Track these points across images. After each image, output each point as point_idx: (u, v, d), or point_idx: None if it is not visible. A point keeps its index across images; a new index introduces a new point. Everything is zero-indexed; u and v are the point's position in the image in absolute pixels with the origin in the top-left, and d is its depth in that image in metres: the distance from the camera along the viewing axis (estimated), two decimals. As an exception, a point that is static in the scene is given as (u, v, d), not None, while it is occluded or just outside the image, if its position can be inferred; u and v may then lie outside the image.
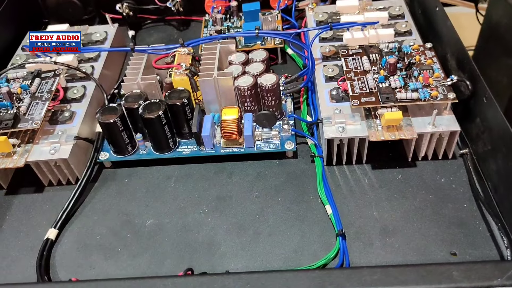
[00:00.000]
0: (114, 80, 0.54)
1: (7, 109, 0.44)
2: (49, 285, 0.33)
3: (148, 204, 0.42)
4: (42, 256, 0.38)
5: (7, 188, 0.45)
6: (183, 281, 0.28)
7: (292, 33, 0.48)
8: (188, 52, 0.46)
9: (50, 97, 0.45)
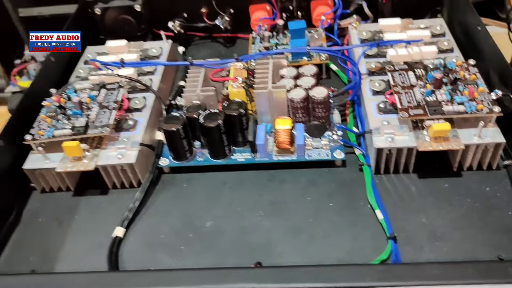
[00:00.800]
0: (168, 92, 0.58)
1: (77, 117, 0.48)
2: (128, 273, 0.36)
3: (206, 207, 0.45)
4: (111, 252, 0.41)
5: (74, 190, 0.49)
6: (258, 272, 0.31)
7: (340, 49, 0.51)
8: (243, 67, 0.50)
9: (117, 106, 0.49)
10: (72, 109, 0.49)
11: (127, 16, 0.65)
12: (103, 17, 0.66)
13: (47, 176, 0.48)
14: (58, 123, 0.48)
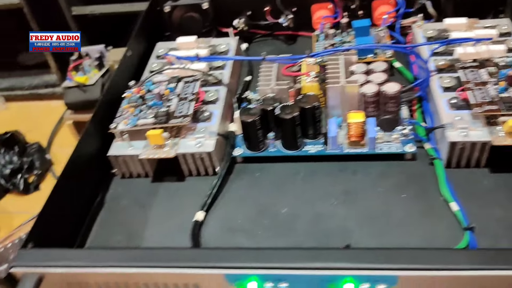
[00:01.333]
0: (235, 86, 0.60)
1: (158, 107, 0.51)
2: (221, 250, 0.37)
3: (280, 195, 0.47)
4: (194, 234, 0.44)
5: (152, 176, 0.52)
6: (350, 252, 0.33)
7: (412, 47, 0.52)
8: (314, 62, 0.52)
9: (195, 98, 0.51)
10: (153, 100, 0.52)
11: (194, 13, 0.68)
12: (171, 14, 0.69)
13: (129, 162, 0.51)
14: (141, 113, 0.51)
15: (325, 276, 0.32)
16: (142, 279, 0.35)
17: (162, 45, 0.65)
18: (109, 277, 0.36)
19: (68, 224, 0.46)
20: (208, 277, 0.34)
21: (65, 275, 0.36)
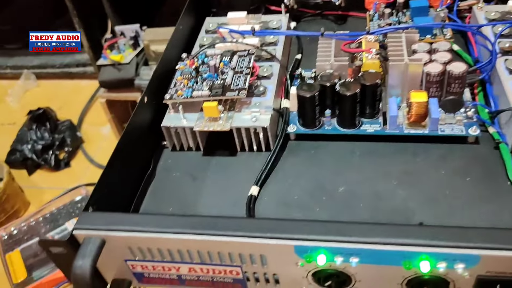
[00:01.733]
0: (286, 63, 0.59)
1: (212, 80, 0.50)
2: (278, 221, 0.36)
3: (337, 173, 0.46)
4: (249, 209, 0.43)
5: (203, 149, 0.51)
6: (428, 229, 0.31)
7: (476, 26, 0.50)
8: (375, 39, 0.50)
9: (250, 71, 0.50)
10: (207, 72, 0.51)
11: (243, -11, 0.67)
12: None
13: (181, 134, 0.50)
14: (195, 85, 0.50)
15: (400, 252, 0.31)
16: (206, 246, 0.35)
17: (211, 20, 0.64)
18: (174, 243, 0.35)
19: (123, 192, 0.45)
20: (277, 248, 0.33)
21: (127, 239, 0.36)
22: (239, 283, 0.37)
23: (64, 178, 1.29)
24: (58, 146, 1.34)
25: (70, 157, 1.35)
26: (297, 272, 0.35)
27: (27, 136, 1.35)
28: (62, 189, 1.24)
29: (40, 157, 1.31)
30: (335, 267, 0.33)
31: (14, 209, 1.18)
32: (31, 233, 1.09)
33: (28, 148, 1.31)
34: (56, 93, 1.62)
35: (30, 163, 1.31)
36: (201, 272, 0.37)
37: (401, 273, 0.33)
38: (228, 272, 0.37)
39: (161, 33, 1.21)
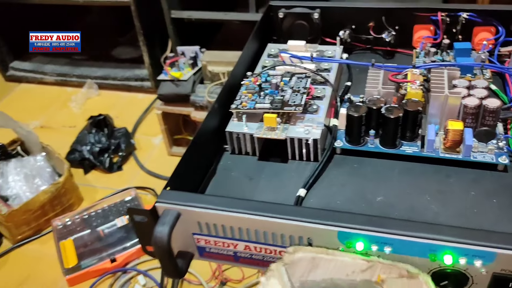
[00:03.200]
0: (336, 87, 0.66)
1: (273, 96, 0.58)
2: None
3: (377, 185, 0.52)
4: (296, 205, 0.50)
5: (259, 155, 0.58)
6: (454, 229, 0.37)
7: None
8: (420, 73, 0.57)
9: (306, 91, 0.58)
10: (269, 89, 0.59)
11: (303, 21, 0.75)
12: (283, 20, 0.76)
13: (241, 139, 0.58)
14: (258, 98, 0.58)
15: (428, 244, 0.37)
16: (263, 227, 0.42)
17: (273, 46, 0.73)
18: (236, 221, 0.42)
19: (191, 180, 0.53)
20: (323, 232, 0.40)
21: (199, 214, 0.43)
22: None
23: (116, 180, 1.39)
24: (113, 150, 1.46)
25: (123, 162, 1.46)
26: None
27: (86, 138, 1.47)
28: (113, 190, 1.34)
29: (96, 158, 1.42)
30: (370, 254, 0.39)
31: (69, 202, 1.28)
32: (84, 225, 1.19)
33: (87, 150, 1.43)
34: (114, 102, 1.75)
35: (87, 163, 1.42)
36: (254, 251, 0.44)
37: (426, 265, 0.38)
38: (278, 252, 0.43)
39: (217, 55, 1.32)
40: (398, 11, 0.73)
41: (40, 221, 1.22)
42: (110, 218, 1.19)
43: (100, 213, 1.21)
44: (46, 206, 1.21)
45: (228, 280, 1.03)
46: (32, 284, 1.11)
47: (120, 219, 1.18)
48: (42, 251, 1.18)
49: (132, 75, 1.81)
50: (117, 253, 1.10)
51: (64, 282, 1.09)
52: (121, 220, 1.18)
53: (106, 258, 1.09)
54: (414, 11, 0.71)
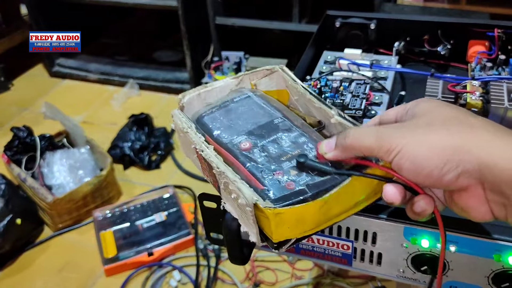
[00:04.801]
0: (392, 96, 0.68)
1: (333, 99, 0.60)
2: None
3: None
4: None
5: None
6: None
7: None
8: (478, 85, 0.58)
9: (366, 97, 0.60)
10: (328, 92, 0.61)
11: (359, 31, 0.78)
12: (339, 29, 0.79)
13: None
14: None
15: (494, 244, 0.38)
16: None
17: (329, 53, 0.75)
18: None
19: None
20: (389, 227, 0.41)
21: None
22: (346, 258, 0.46)
23: (154, 178, 1.43)
24: (152, 149, 1.50)
25: (161, 160, 1.50)
26: (400, 252, 0.42)
27: (127, 135, 1.51)
28: (151, 186, 1.38)
29: (136, 155, 1.47)
30: (435, 252, 0.41)
31: (110, 196, 1.32)
32: (123, 218, 1.23)
33: (128, 146, 1.48)
34: (154, 103, 1.80)
35: (127, 159, 1.47)
36: (317, 243, 0.46)
37: (489, 266, 0.40)
38: (341, 246, 0.45)
39: (262, 62, 1.35)
40: (455, 25, 0.74)
41: (81, 212, 1.26)
42: (149, 213, 1.22)
43: (139, 208, 1.25)
44: (87, 197, 1.26)
45: (262, 282, 1.05)
46: (71, 271, 1.14)
47: (158, 215, 1.21)
48: (81, 241, 1.23)
49: (173, 77, 1.86)
50: (154, 248, 1.13)
51: (101, 272, 1.12)
52: (159, 216, 1.21)
53: (144, 252, 1.12)
54: (471, 27, 0.73)
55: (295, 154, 0.42)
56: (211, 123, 0.48)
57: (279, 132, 0.45)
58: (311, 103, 0.49)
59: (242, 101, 0.50)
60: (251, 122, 0.47)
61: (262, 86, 0.55)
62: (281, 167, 0.41)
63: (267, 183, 0.40)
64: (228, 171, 0.40)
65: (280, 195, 0.38)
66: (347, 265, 0.46)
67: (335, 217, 0.39)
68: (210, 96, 0.53)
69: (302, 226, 0.38)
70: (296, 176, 0.40)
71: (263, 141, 0.44)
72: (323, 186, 0.38)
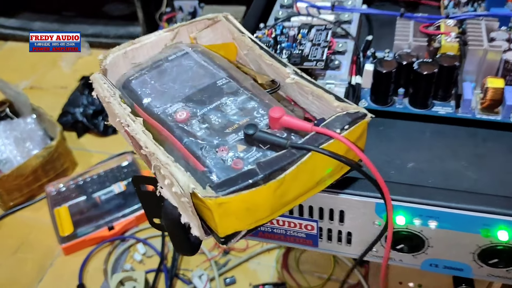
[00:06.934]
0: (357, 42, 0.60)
1: (290, 50, 0.52)
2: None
3: (406, 150, 0.47)
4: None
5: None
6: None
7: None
8: (453, 24, 0.51)
9: (327, 45, 0.52)
10: (285, 42, 0.53)
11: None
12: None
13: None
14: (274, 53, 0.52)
15: (479, 218, 0.32)
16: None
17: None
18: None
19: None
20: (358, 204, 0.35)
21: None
22: (311, 239, 0.39)
23: (111, 144, 1.33)
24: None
25: (118, 125, 1.40)
26: (372, 231, 0.36)
27: (79, 100, 1.40)
28: (108, 154, 1.29)
29: (90, 121, 1.36)
30: (412, 229, 0.35)
31: (63, 168, 1.23)
32: (79, 191, 1.14)
33: (80, 112, 1.36)
34: (107, 63, 1.67)
35: (80, 126, 1.36)
36: (277, 224, 0.39)
37: (476, 241, 0.34)
38: (304, 226, 0.38)
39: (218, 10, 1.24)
40: (424, -44, 0.65)
41: (33, 187, 1.17)
42: (107, 184, 1.14)
43: (95, 179, 1.16)
44: (38, 171, 1.16)
45: (232, 249, 1.00)
46: (26, 251, 1.07)
47: (117, 185, 1.13)
48: (35, 218, 1.14)
49: (126, 32, 1.71)
50: (114, 221, 1.06)
51: (60, 250, 1.05)
52: (118, 186, 1.13)
53: (104, 226, 1.05)
54: (442, -43, 0.64)
55: (242, 123, 0.35)
56: (140, 88, 0.39)
57: (223, 96, 0.37)
58: (262, 59, 0.40)
59: (179, 59, 0.42)
60: (189, 85, 0.39)
61: (203, 40, 0.46)
62: (226, 141, 0.33)
63: (209, 162, 0.32)
64: (158, 151, 0.32)
65: (224, 178, 0.30)
66: (313, 246, 0.40)
67: (294, 200, 0.32)
68: (139, 54, 0.44)
69: (254, 215, 0.31)
70: (244, 152, 0.32)
71: (204, 108, 0.36)
72: (278, 164, 0.30)
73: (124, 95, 0.39)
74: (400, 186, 0.35)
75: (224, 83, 0.38)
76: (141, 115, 0.37)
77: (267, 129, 0.34)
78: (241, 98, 0.36)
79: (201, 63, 0.40)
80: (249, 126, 0.32)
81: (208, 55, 0.42)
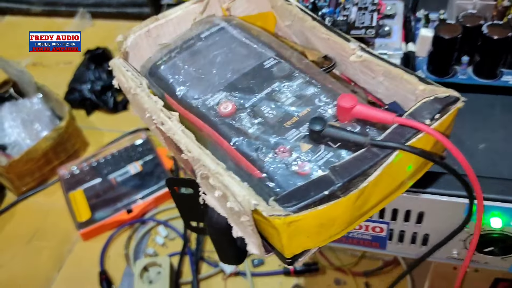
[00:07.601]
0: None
1: (333, 16, 0.45)
2: None
3: (475, 128, 0.41)
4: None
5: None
6: None
7: None
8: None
9: (376, 8, 0.45)
10: (325, 7, 0.45)
11: None
12: None
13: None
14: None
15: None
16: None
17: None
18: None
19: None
20: (446, 205, 0.29)
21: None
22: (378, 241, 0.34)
23: (122, 121, 1.27)
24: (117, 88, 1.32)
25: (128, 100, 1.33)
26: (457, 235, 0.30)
27: (85, 76, 1.33)
28: (121, 132, 1.23)
29: (98, 98, 1.29)
30: (508, 231, 0.29)
31: (75, 149, 1.17)
32: (93, 173, 1.09)
33: (87, 88, 1.30)
34: (111, 33, 1.58)
35: (88, 103, 1.30)
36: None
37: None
38: (371, 228, 0.33)
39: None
40: None
41: (44, 171, 1.12)
42: (122, 164, 1.09)
43: (109, 159, 1.11)
44: (49, 154, 1.11)
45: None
46: (43, 238, 1.03)
47: (132, 166, 1.08)
48: (50, 203, 1.10)
49: (129, 0, 1.62)
50: (133, 203, 1.01)
51: (78, 236, 1.01)
52: (134, 167, 1.08)
53: (122, 209, 1.00)
54: None
55: (303, 115, 0.28)
56: (172, 75, 0.33)
57: (275, 81, 0.30)
58: (314, 32, 0.33)
59: (213, 36, 0.35)
60: (231, 69, 0.32)
61: (237, 11, 0.39)
62: (285, 139, 0.27)
63: (267, 167, 0.26)
64: (205, 157, 0.26)
65: (290, 188, 0.24)
66: (379, 248, 0.34)
67: (373, 208, 0.26)
68: (164, 33, 0.37)
69: (328, 231, 0.25)
70: (310, 152, 0.26)
71: (253, 98, 0.30)
72: (358, 168, 0.24)
73: (152, 83, 0.33)
74: (494, 182, 0.29)
75: (273, 64, 0.31)
76: (175, 108, 0.31)
77: (335, 121, 0.28)
78: (297, 82, 0.30)
79: (241, 40, 0.34)
80: (315, 120, 0.26)
81: (248, 29, 0.35)
